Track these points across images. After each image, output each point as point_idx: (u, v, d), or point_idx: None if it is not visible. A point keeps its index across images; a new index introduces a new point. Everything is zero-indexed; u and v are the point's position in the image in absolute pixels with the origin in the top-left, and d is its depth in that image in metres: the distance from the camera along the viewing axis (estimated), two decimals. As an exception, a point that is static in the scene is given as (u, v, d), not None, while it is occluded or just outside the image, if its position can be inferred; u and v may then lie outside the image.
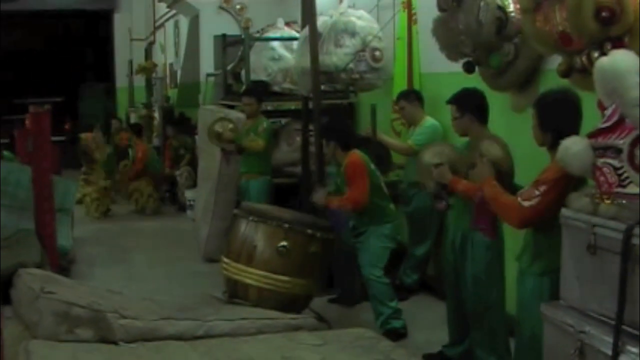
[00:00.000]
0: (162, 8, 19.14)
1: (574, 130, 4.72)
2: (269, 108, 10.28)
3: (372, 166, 7.36)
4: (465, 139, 6.37)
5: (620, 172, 4.07)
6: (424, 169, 6.23)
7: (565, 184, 4.62)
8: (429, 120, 8.22)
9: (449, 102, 6.35)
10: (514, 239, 5.58)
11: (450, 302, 6.49)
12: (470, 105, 6.19)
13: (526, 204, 4.80)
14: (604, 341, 3.95)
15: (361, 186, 7.16)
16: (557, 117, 4.88)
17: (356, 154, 7.29)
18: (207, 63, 14.44)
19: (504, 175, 5.44)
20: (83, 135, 16.44)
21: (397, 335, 7.16)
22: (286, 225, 6.69)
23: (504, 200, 5.08)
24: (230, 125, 9.70)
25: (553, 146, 4.75)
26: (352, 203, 7.16)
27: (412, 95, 8.40)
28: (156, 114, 18.70)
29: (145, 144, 15.19)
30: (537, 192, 4.76)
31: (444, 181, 6.04)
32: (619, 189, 4.07)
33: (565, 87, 5.18)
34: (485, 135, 6.06)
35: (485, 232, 5.84)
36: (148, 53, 22.42)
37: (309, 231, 6.72)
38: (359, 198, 7.14)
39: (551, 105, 4.96)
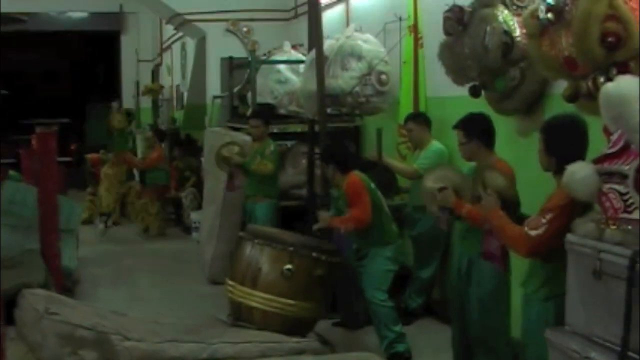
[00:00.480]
0: (169, 30, 19.21)
1: (580, 156, 4.71)
2: (275, 130, 10.29)
3: (372, 185, 7.35)
4: (472, 164, 6.36)
5: (626, 197, 4.06)
6: (428, 193, 6.22)
7: (572, 210, 4.59)
8: (434, 144, 8.22)
9: (456, 127, 6.32)
10: (519, 263, 5.55)
11: (455, 327, 6.45)
12: (477, 130, 6.16)
13: (533, 233, 4.76)
14: (609, 367, 3.94)
15: (363, 204, 7.14)
16: (563, 143, 4.87)
17: (354, 175, 7.29)
18: (213, 85, 14.49)
19: (510, 204, 5.39)
20: (89, 156, 16.48)
21: (401, 359, 7.14)
22: (291, 249, 6.69)
23: (511, 230, 5.03)
24: (237, 149, 9.70)
25: (558, 171, 4.75)
26: (354, 221, 7.14)
27: (421, 118, 8.40)
28: (163, 135, 18.74)
29: (163, 150, 15.22)
30: (543, 221, 4.72)
31: (447, 205, 6.03)
32: (625, 215, 4.06)
33: (572, 112, 5.18)
34: (493, 160, 6.06)
35: (495, 261, 5.77)
36: (155, 74, 22.47)
37: (314, 254, 6.72)
38: (361, 216, 7.12)
39: (558, 130, 4.96)
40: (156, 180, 14.76)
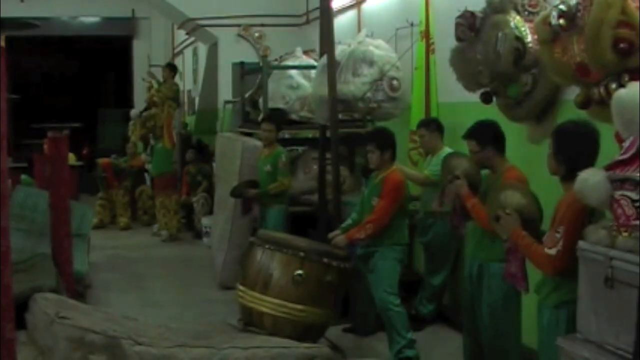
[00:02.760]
0: (181, 35, 19.26)
1: (589, 163, 4.69)
2: (287, 136, 10.30)
3: (408, 191, 7.38)
4: (485, 172, 6.34)
5: (638, 204, 4.05)
6: (446, 175, 6.27)
7: (583, 217, 4.58)
8: (446, 151, 8.18)
9: (466, 137, 6.29)
10: (531, 270, 5.53)
11: (467, 333, 6.44)
12: (489, 138, 6.15)
13: (553, 251, 4.73)
14: (620, 375, 3.93)
15: (389, 205, 7.13)
16: (572, 148, 4.85)
17: (400, 174, 7.29)
18: (225, 90, 14.49)
19: (530, 222, 5.29)
20: (100, 161, 16.51)
21: (410, 366, 7.13)
22: (302, 254, 6.69)
23: (534, 251, 4.98)
24: (248, 184, 9.69)
25: (566, 177, 4.75)
26: (374, 224, 7.11)
27: (433, 125, 8.37)
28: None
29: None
30: (557, 235, 4.69)
31: (460, 193, 6.03)
32: (637, 222, 4.05)
33: (585, 119, 5.15)
34: (505, 167, 6.05)
35: (517, 283, 5.67)
36: (166, 79, 22.48)
37: (325, 260, 6.72)
38: (382, 219, 7.10)
39: (568, 135, 4.94)
40: (162, 169, 14.75)
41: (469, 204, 6.01)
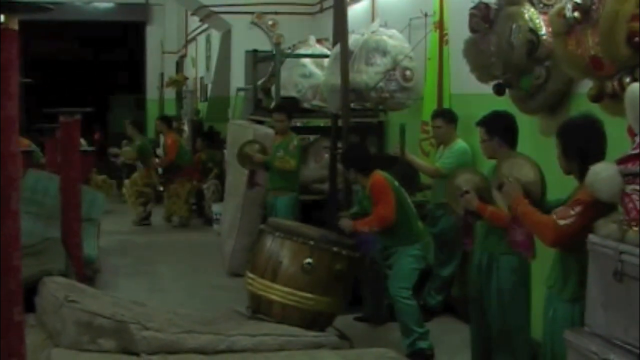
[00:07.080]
0: (194, 22, 19.25)
1: (600, 154, 4.67)
2: (298, 124, 10.29)
3: (397, 184, 7.35)
4: (494, 162, 6.33)
5: (649, 199, 4.04)
6: (454, 194, 6.19)
7: (599, 207, 4.54)
8: (458, 143, 8.17)
9: (478, 124, 6.32)
10: (540, 262, 5.52)
11: (475, 325, 6.43)
12: (499, 128, 6.15)
13: (562, 222, 4.67)
14: (628, 370, 3.92)
15: (387, 203, 7.14)
16: (582, 141, 4.83)
17: (378, 174, 7.29)
18: (237, 78, 14.49)
19: (532, 194, 5.31)
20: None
21: (424, 357, 7.12)
22: (312, 242, 6.68)
23: (538, 218, 4.94)
24: (257, 147, 9.68)
25: (582, 172, 4.71)
26: (378, 220, 7.13)
27: (449, 116, 8.34)
28: (185, 127, 18.77)
29: (175, 134, 15.29)
30: (572, 212, 4.64)
31: (471, 208, 5.99)
32: (648, 216, 4.03)
33: (586, 112, 5.12)
34: (513, 157, 6.03)
35: (522, 249, 5.64)
36: (179, 66, 22.50)
37: (335, 249, 6.71)
38: (385, 214, 7.11)
39: (574, 131, 4.92)
40: (181, 160, 14.77)
41: (486, 214, 5.94)
